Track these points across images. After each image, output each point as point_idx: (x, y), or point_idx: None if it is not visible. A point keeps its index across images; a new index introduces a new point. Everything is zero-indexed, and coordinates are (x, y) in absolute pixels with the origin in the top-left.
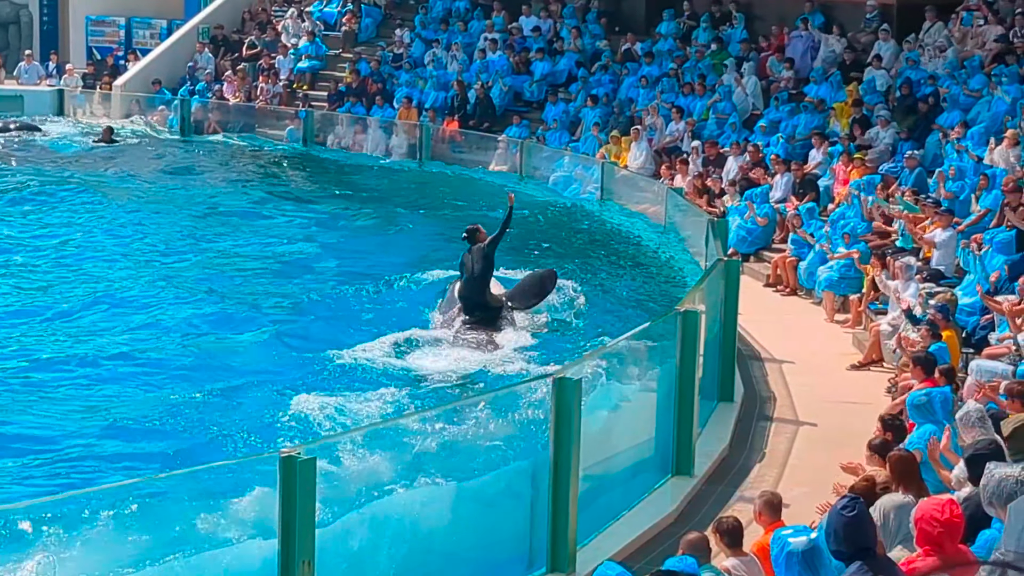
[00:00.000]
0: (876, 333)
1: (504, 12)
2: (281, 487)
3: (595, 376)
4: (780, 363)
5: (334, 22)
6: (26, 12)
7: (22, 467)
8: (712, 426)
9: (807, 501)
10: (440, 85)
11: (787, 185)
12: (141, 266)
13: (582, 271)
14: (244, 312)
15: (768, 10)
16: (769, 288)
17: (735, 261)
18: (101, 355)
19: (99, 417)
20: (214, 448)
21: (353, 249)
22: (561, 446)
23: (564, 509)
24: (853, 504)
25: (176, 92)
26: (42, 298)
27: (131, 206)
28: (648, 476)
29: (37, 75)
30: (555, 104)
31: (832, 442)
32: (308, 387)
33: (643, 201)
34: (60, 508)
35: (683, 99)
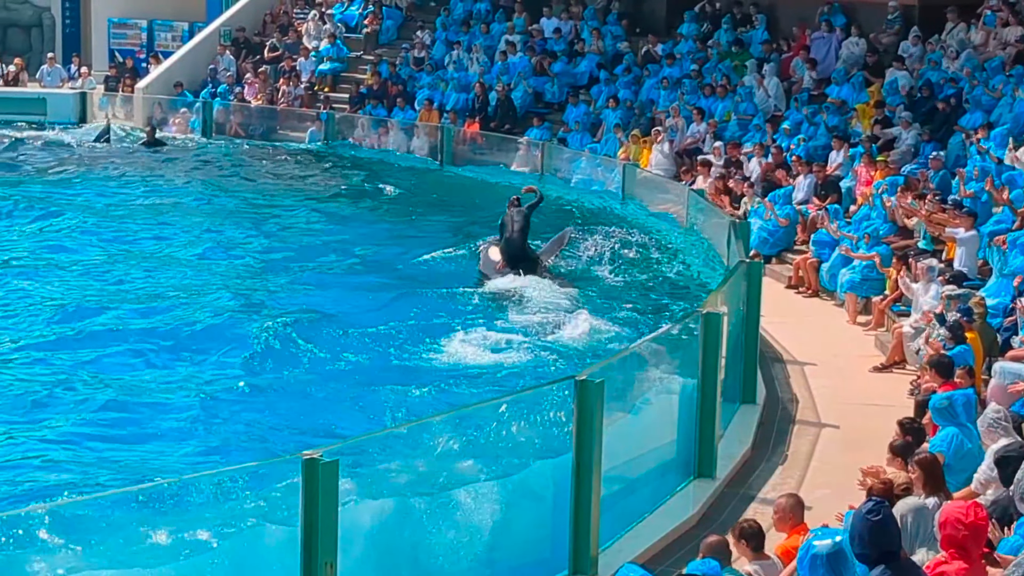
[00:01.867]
0: (899, 335)
1: (525, 14)
2: (304, 489)
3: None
4: (802, 365)
5: (355, 24)
6: (48, 15)
7: (43, 469)
8: (734, 428)
9: (830, 503)
10: (461, 87)
11: (809, 186)
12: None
13: (603, 273)
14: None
15: (789, 11)
16: (791, 290)
17: (757, 263)
18: (133, 354)
19: (131, 415)
20: (243, 449)
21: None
22: (583, 448)
23: (586, 511)
24: (878, 508)
25: (197, 94)
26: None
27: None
28: (670, 478)
29: (59, 78)
30: (576, 106)
31: (854, 444)
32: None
33: (665, 202)
34: (84, 509)
35: (704, 100)
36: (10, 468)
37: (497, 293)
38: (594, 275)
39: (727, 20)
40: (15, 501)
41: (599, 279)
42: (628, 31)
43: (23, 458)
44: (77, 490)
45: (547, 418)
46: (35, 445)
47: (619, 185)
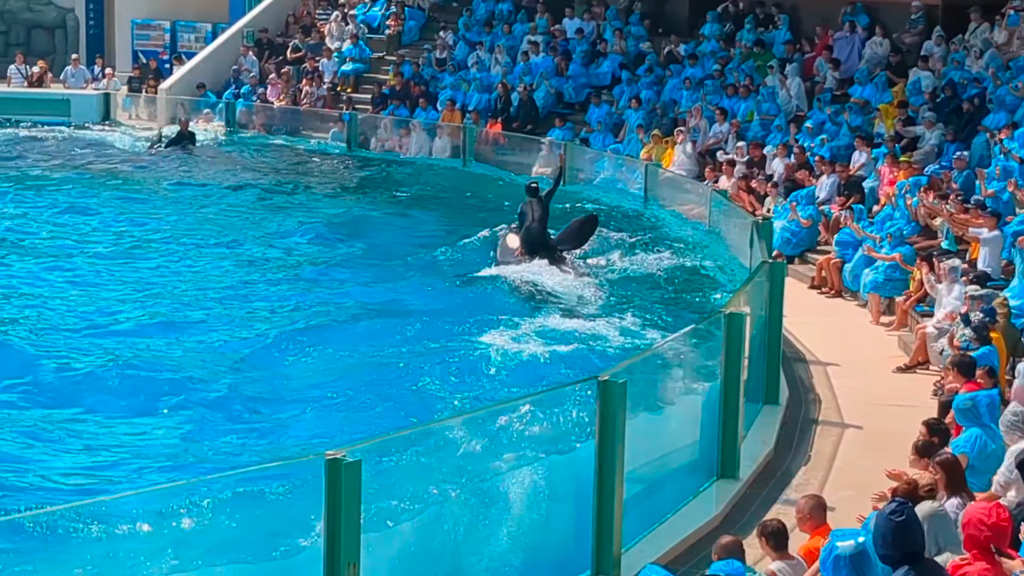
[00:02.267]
0: (922, 335)
1: (547, 14)
2: (327, 489)
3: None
4: (825, 365)
5: (377, 25)
6: (72, 16)
7: (68, 468)
8: (757, 429)
9: (853, 504)
10: (483, 87)
11: (832, 187)
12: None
13: (625, 273)
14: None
15: (812, 11)
16: (814, 290)
17: (780, 263)
18: (159, 350)
19: (153, 416)
20: (267, 448)
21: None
22: (606, 449)
23: (609, 512)
24: (902, 509)
25: (220, 95)
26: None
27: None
28: (693, 479)
29: (83, 79)
30: (599, 106)
31: (878, 445)
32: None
33: (687, 203)
34: (109, 508)
35: (727, 100)
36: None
37: (514, 283)
38: (616, 275)
39: (750, 20)
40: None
41: (621, 279)
42: (651, 31)
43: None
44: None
45: (570, 418)
46: (75, 439)
47: (641, 185)
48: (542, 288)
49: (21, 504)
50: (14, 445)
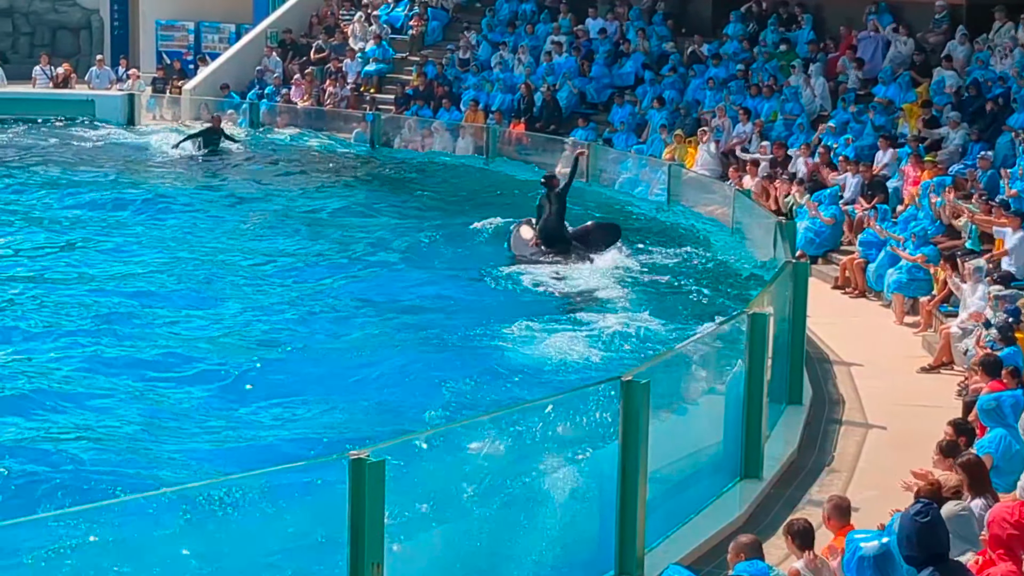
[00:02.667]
0: (946, 335)
1: (570, 14)
2: (351, 489)
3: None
4: (849, 366)
5: (400, 25)
6: (97, 17)
7: (88, 468)
8: (780, 429)
9: (877, 505)
10: (507, 88)
11: (856, 187)
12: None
13: (649, 273)
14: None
15: (836, 11)
16: (838, 290)
17: (804, 263)
18: (183, 352)
19: (178, 415)
20: (291, 447)
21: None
22: (629, 449)
23: (632, 513)
24: (927, 510)
25: (244, 96)
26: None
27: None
28: (716, 479)
29: (108, 80)
30: (621, 106)
31: (902, 445)
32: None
33: (711, 203)
34: (132, 508)
35: (750, 100)
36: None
37: (535, 279)
38: (639, 275)
39: (773, 20)
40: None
41: (644, 279)
42: (674, 31)
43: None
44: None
45: (593, 418)
46: (86, 439)
47: (664, 185)
48: (562, 284)
49: (48, 503)
50: (41, 445)
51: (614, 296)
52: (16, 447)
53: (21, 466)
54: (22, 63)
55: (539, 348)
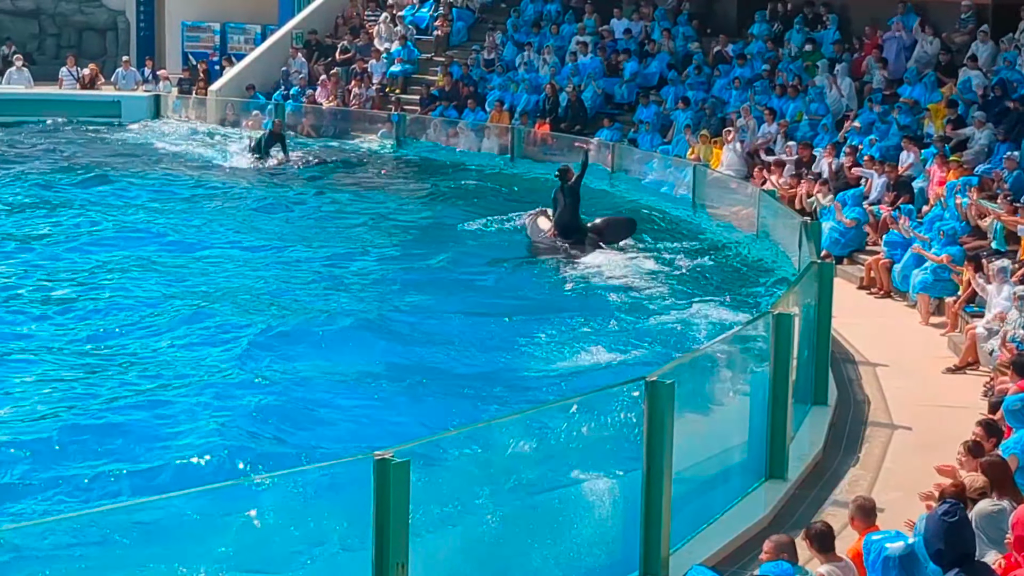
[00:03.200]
0: (972, 336)
1: (595, 15)
2: (375, 490)
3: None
4: (874, 366)
5: (425, 26)
6: (123, 19)
7: (112, 468)
8: (806, 430)
9: (902, 505)
10: (532, 88)
11: (882, 187)
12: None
13: (673, 273)
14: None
15: (861, 11)
16: (863, 290)
17: (829, 263)
18: (205, 351)
19: (204, 415)
20: (312, 449)
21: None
22: (654, 450)
23: (657, 513)
24: (954, 510)
25: (270, 97)
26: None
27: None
28: (741, 480)
29: (134, 81)
30: (647, 106)
31: (927, 446)
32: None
33: (735, 203)
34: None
35: (776, 100)
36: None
37: (558, 277)
38: (663, 275)
39: (799, 20)
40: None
41: (669, 279)
42: (699, 31)
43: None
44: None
45: (617, 419)
46: (110, 440)
47: (690, 186)
48: (587, 276)
49: (64, 506)
50: (64, 446)
51: (639, 296)
52: (43, 440)
53: (54, 462)
54: (49, 64)
55: (563, 347)
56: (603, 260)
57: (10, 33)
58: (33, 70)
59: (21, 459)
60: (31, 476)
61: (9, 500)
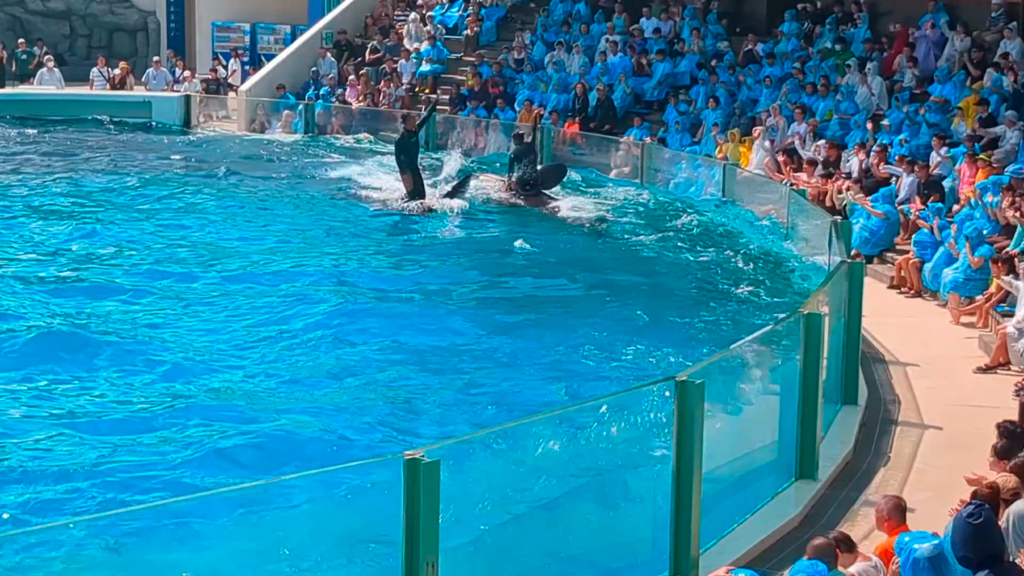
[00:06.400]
0: (1003, 335)
1: (625, 14)
2: (405, 489)
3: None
4: (905, 366)
5: (455, 26)
6: (153, 19)
7: (136, 469)
8: (836, 429)
9: (932, 506)
10: (561, 87)
11: (912, 186)
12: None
13: (704, 272)
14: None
15: (892, 9)
16: (893, 290)
17: (859, 263)
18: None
19: (230, 412)
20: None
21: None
22: (683, 450)
23: (687, 513)
24: (979, 511)
25: (300, 97)
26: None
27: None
28: (771, 480)
29: (164, 81)
30: (676, 106)
31: (958, 446)
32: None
33: (765, 202)
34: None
35: (806, 99)
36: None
37: (584, 277)
38: (693, 274)
39: (831, 20)
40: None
41: (698, 278)
42: (728, 31)
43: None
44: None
45: (647, 418)
46: (133, 442)
47: (719, 185)
48: (612, 281)
49: (99, 504)
50: (98, 444)
51: (668, 296)
52: (65, 447)
53: (73, 467)
54: (79, 65)
55: (593, 347)
56: (571, 202)
57: (41, 34)
58: (64, 71)
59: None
60: (68, 475)
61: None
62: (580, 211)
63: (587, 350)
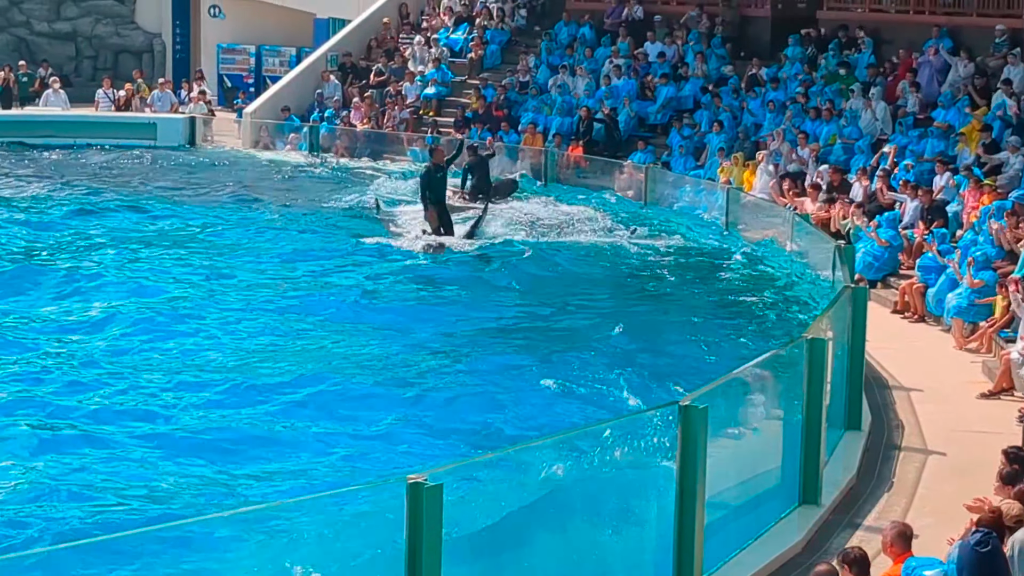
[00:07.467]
0: (1007, 361)
1: (629, 38)
2: (408, 513)
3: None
4: (908, 391)
5: (459, 49)
6: (159, 41)
7: (154, 486)
8: (839, 455)
9: (936, 532)
10: (565, 110)
11: (915, 211)
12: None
13: (707, 297)
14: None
15: (896, 35)
16: (897, 315)
17: (862, 288)
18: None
19: (234, 435)
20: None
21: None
22: (687, 475)
23: (690, 538)
24: (987, 540)
25: (305, 119)
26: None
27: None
28: (775, 505)
29: (169, 103)
30: (680, 130)
31: (962, 472)
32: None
33: (769, 227)
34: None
35: (809, 124)
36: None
37: (588, 305)
38: (696, 299)
39: (834, 45)
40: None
41: (702, 303)
42: (732, 55)
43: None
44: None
45: (651, 443)
46: (146, 463)
47: (722, 209)
48: (607, 315)
49: (105, 526)
50: (100, 465)
51: (672, 320)
52: (66, 473)
53: (77, 489)
54: (85, 86)
55: (596, 371)
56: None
57: (47, 55)
58: (69, 92)
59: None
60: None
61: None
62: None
63: (589, 375)
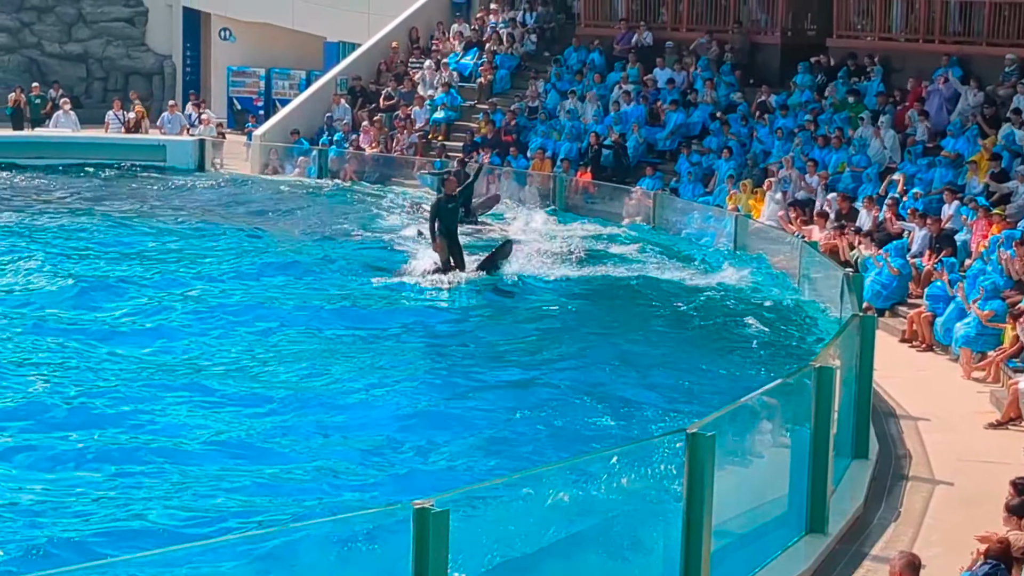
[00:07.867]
0: (1015, 391)
1: (639, 64)
2: (415, 539)
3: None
4: (916, 420)
5: (469, 73)
6: (169, 63)
7: (156, 513)
8: (846, 484)
9: (943, 562)
10: (574, 136)
11: (924, 240)
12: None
13: (715, 324)
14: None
15: (905, 63)
16: (905, 343)
17: (870, 316)
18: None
19: (241, 460)
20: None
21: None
22: (694, 502)
23: (696, 565)
24: (995, 572)
25: (314, 142)
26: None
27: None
28: (781, 534)
29: (179, 125)
30: (688, 156)
31: (969, 502)
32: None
33: (777, 254)
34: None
35: (818, 151)
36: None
37: (597, 332)
38: (704, 327)
39: (843, 73)
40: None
41: (709, 330)
42: (741, 82)
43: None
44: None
45: (657, 470)
46: (149, 483)
47: (731, 236)
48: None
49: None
50: (96, 495)
51: (679, 347)
52: (73, 495)
53: (86, 509)
54: (95, 108)
55: (603, 399)
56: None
57: (58, 77)
58: (80, 113)
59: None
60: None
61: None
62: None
63: (596, 400)
